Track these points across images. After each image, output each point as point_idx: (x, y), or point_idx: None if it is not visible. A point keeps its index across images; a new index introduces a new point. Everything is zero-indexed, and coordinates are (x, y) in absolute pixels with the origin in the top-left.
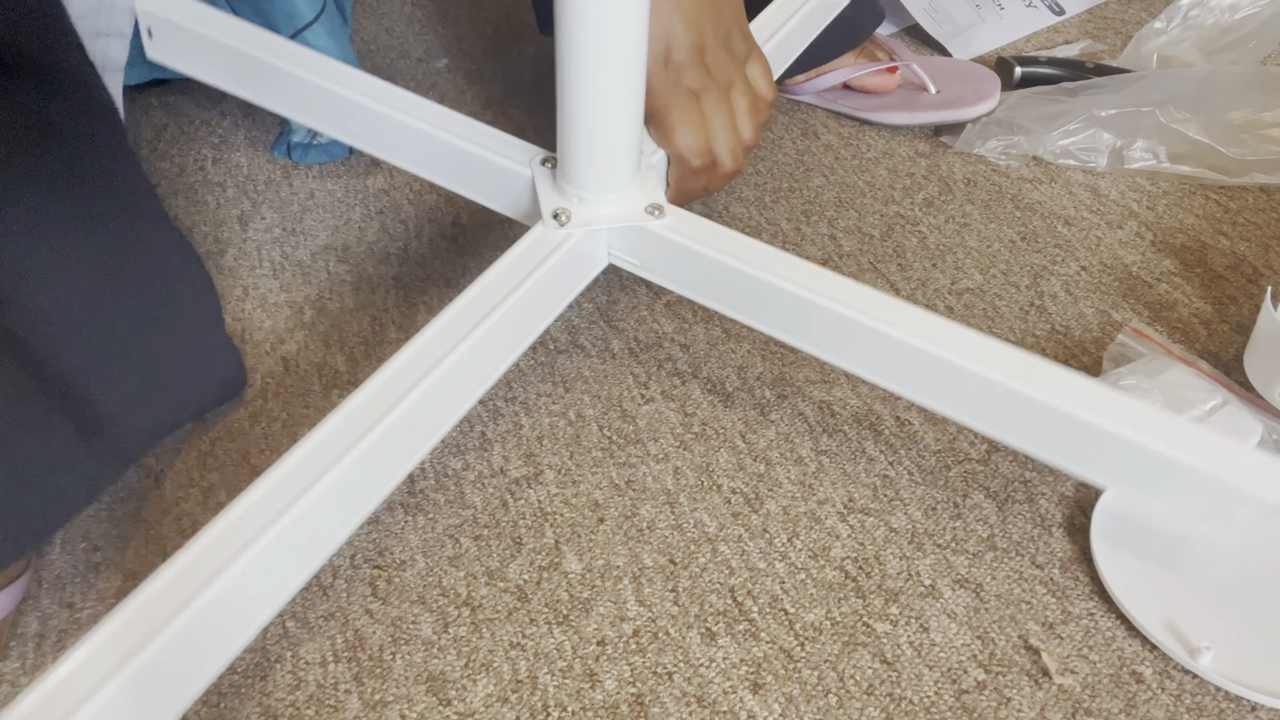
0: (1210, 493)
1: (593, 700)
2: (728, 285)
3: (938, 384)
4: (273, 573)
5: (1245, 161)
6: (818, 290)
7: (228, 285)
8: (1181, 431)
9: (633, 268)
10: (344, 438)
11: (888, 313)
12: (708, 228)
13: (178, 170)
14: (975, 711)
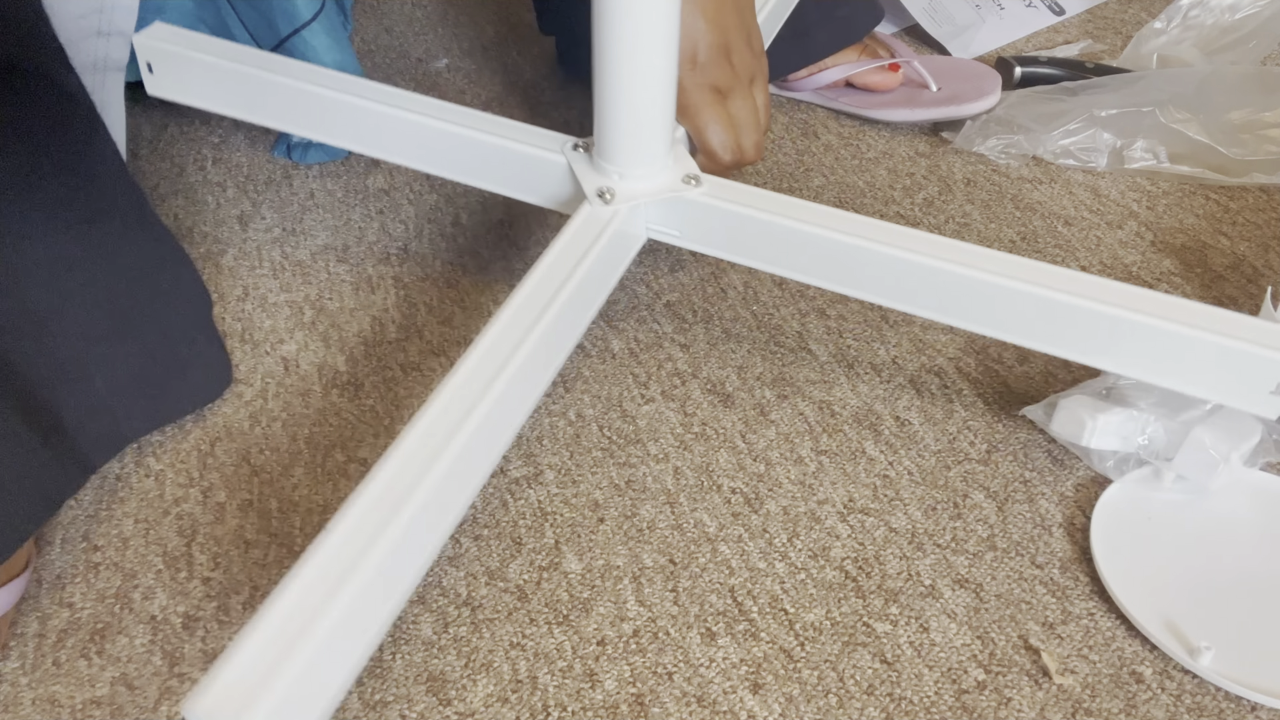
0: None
1: (593, 700)
2: (770, 242)
3: (988, 309)
4: (417, 541)
5: (1245, 161)
6: (858, 234)
7: (228, 285)
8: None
9: (672, 239)
10: (449, 419)
11: (930, 247)
12: (744, 190)
13: (178, 170)
14: (975, 711)
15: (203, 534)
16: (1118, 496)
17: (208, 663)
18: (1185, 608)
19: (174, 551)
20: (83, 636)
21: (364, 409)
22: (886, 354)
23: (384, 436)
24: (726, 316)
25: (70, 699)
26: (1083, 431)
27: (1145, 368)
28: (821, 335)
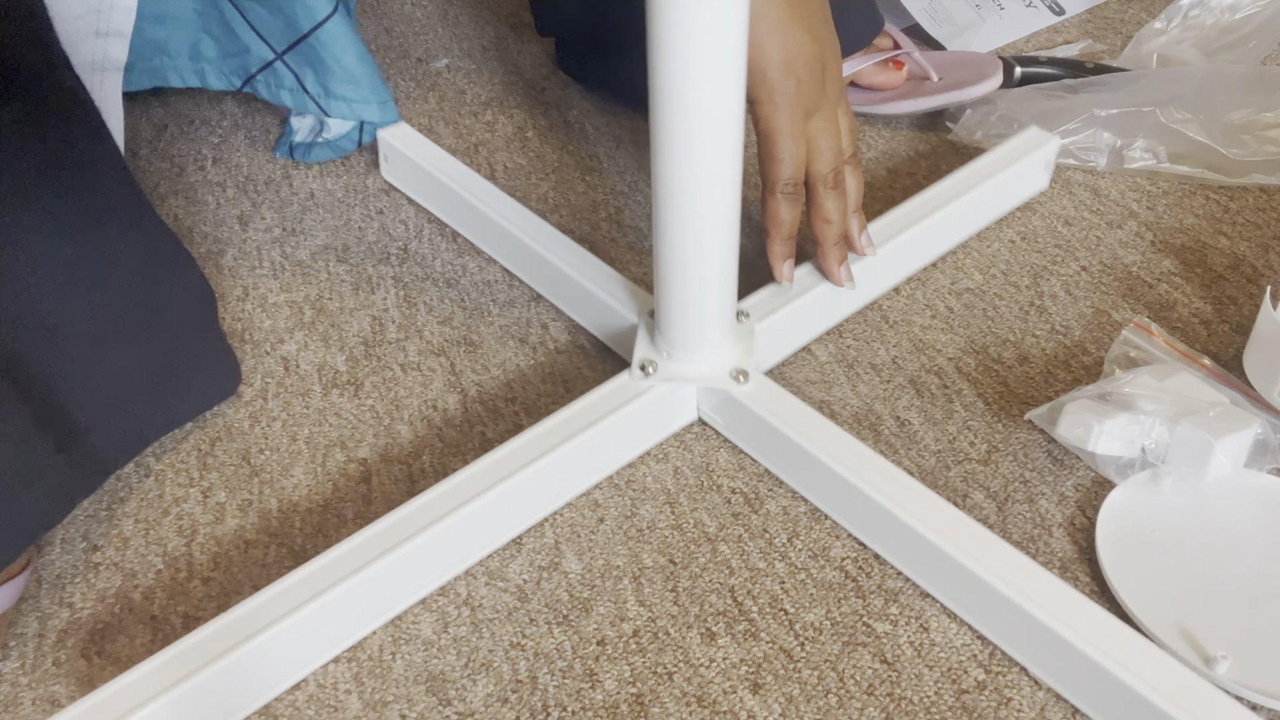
0: None
1: (593, 700)
2: (801, 466)
3: (999, 617)
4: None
5: (1245, 162)
6: (887, 493)
7: (227, 285)
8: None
9: (719, 427)
10: (382, 543)
11: (960, 536)
12: (789, 403)
13: (178, 170)
14: (975, 711)
15: (203, 534)
16: (1121, 501)
17: None
18: (1196, 615)
19: (174, 551)
20: (83, 636)
21: (364, 409)
22: (886, 354)
23: (384, 437)
24: None
25: (70, 699)
26: (1089, 436)
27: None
28: (821, 335)
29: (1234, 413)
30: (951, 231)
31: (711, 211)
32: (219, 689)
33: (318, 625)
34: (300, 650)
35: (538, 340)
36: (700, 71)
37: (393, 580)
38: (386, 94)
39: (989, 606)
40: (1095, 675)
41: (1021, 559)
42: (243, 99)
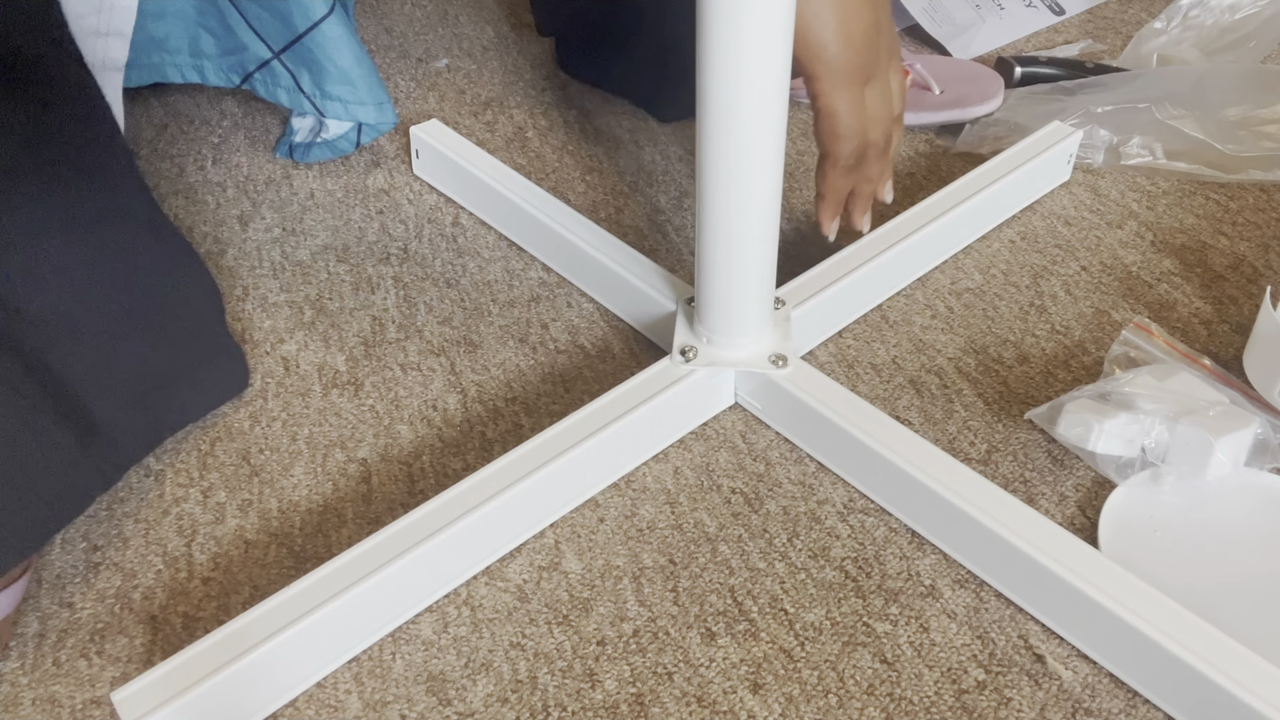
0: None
1: (593, 700)
2: (840, 447)
3: (1040, 589)
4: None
5: (1241, 158)
6: (929, 472)
7: (227, 285)
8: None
9: (756, 411)
10: (412, 535)
11: (994, 506)
12: (827, 386)
13: (178, 170)
14: (975, 711)
15: (202, 534)
16: (1122, 501)
17: None
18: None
19: (174, 551)
20: (83, 636)
21: (364, 409)
22: (886, 354)
23: (384, 437)
24: None
25: (70, 699)
26: (1089, 436)
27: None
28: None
29: (1234, 412)
30: (981, 219)
31: (753, 201)
32: (223, 698)
33: (342, 624)
34: (316, 653)
35: (538, 340)
36: (746, 69)
37: (438, 563)
38: (384, 96)
39: (1030, 578)
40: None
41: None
42: (243, 98)
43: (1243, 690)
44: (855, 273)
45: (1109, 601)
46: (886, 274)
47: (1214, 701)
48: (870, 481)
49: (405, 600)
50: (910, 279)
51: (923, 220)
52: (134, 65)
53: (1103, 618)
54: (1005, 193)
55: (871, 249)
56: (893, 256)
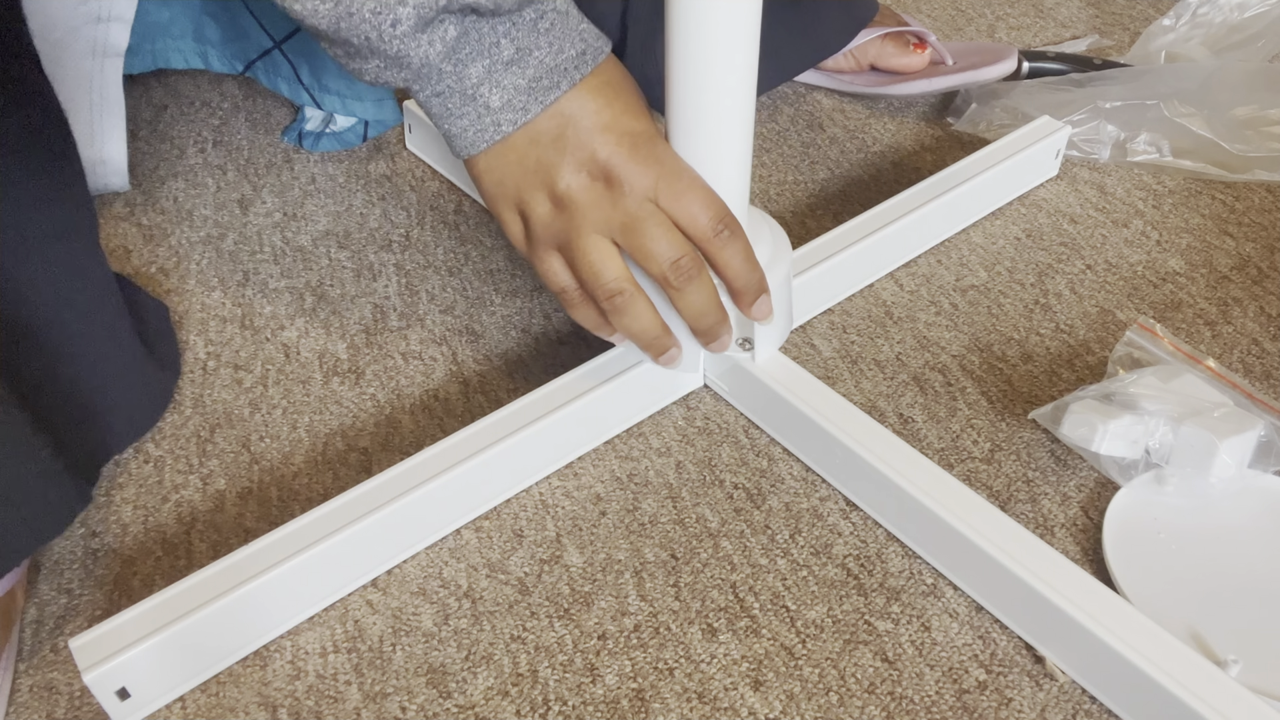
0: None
1: (593, 695)
2: (805, 434)
3: (999, 587)
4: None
5: (1248, 158)
6: (896, 468)
7: (228, 270)
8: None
9: (723, 393)
10: (381, 495)
11: (963, 509)
12: (793, 372)
13: (178, 152)
14: (976, 711)
15: (202, 521)
16: (1127, 503)
17: None
18: (1205, 618)
19: (173, 539)
20: (81, 623)
21: (365, 397)
22: (890, 350)
23: (385, 425)
24: None
25: (69, 686)
26: (1093, 436)
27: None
28: (825, 331)
29: (1238, 414)
30: (962, 212)
31: (719, 175)
32: (181, 646)
33: (296, 583)
34: (270, 611)
35: (540, 330)
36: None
37: (440, 503)
38: (385, 91)
39: (993, 582)
40: (1111, 659)
41: (1028, 536)
42: (244, 81)
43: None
44: (822, 265)
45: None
46: (869, 258)
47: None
48: (832, 469)
49: (361, 561)
50: (894, 265)
51: (907, 207)
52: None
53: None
54: (990, 185)
55: (853, 234)
56: (875, 242)
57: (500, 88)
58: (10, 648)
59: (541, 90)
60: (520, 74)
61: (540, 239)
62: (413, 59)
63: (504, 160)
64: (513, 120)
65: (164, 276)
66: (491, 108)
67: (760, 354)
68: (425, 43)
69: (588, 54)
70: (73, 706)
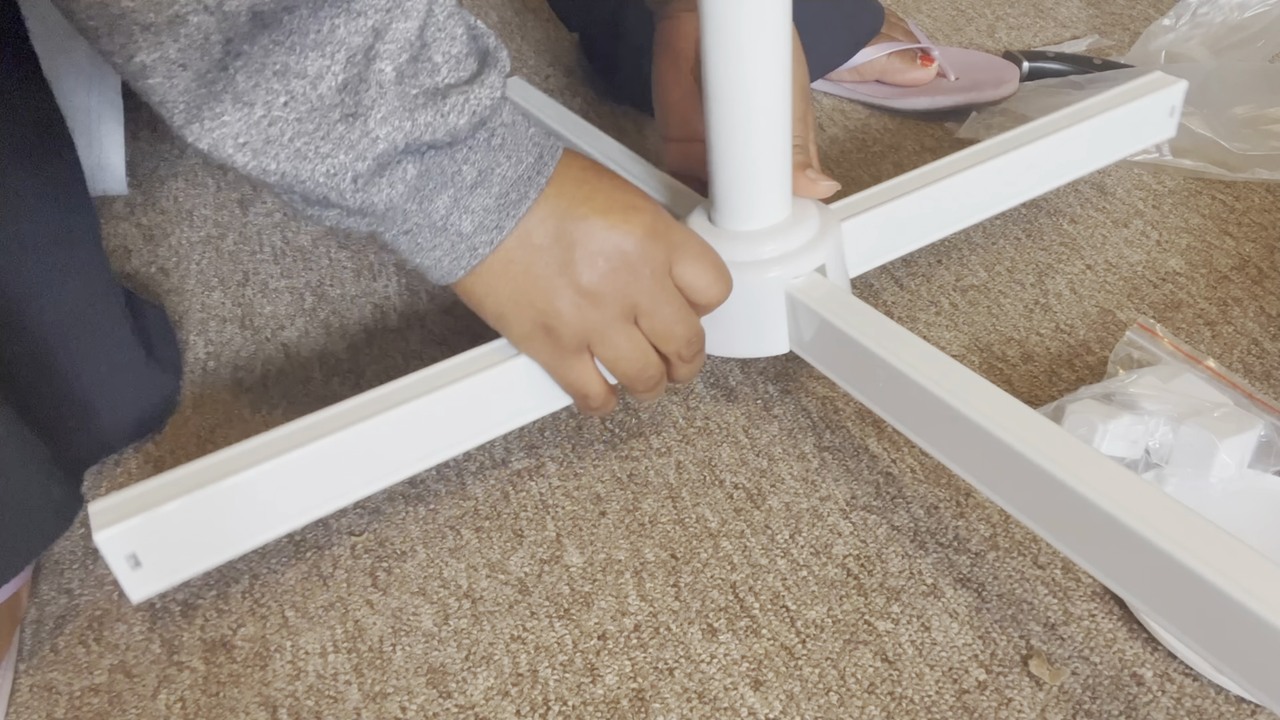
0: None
1: (593, 695)
2: (852, 359)
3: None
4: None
5: (1248, 156)
6: (946, 387)
7: (228, 270)
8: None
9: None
10: (403, 395)
11: (1008, 419)
12: (851, 304)
13: (178, 152)
14: (976, 711)
15: None
16: None
17: (207, 651)
18: None
19: None
20: (81, 623)
21: None
22: None
23: None
24: None
25: (68, 686)
26: (1093, 436)
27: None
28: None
29: (1238, 414)
30: (1066, 163)
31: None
32: (195, 519)
33: (320, 468)
34: (293, 494)
35: None
36: None
37: (470, 408)
38: None
39: (1050, 498)
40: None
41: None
42: None
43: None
44: (906, 197)
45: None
46: (942, 205)
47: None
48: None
49: (386, 459)
50: (971, 219)
51: (1000, 151)
52: None
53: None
54: (1091, 138)
55: (928, 175)
56: (948, 187)
57: (470, 212)
58: (12, 649)
59: (510, 205)
60: (486, 194)
61: (570, 342)
62: (376, 205)
63: (503, 277)
64: (488, 241)
65: (164, 276)
66: (464, 234)
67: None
68: (386, 186)
69: (544, 156)
70: (73, 706)
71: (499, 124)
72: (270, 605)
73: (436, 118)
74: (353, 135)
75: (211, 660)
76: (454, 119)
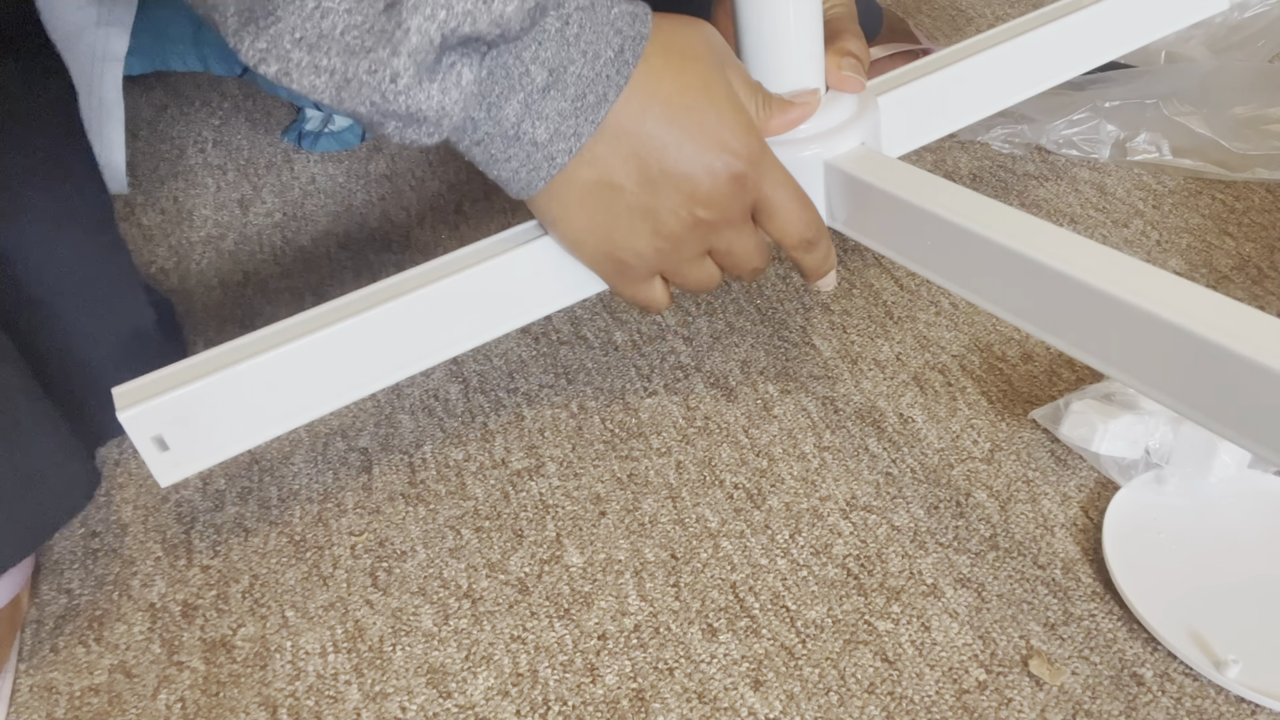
0: None
1: (593, 695)
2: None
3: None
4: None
5: (1248, 156)
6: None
7: (228, 270)
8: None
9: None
10: (432, 275)
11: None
12: (893, 166)
13: (178, 152)
14: (976, 711)
15: (202, 521)
16: (1127, 503)
17: (207, 651)
18: (1205, 618)
19: (173, 539)
20: (81, 623)
21: (365, 397)
22: (890, 350)
23: (385, 426)
24: (730, 310)
25: (68, 686)
26: (1093, 436)
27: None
28: (825, 330)
29: None
30: (1112, 36)
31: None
32: (218, 402)
33: (354, 353)
34: (319, 381)
35: (540, 331)
36: None
37: (491, 296)
38: None
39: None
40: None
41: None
42: (243, 81)
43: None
44: (946, 70)
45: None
46: (985, 79)
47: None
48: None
49: (417, 342)
50: (1014, 97)
51: (1040, 21)
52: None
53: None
54: (1139, 8)
55: (968, 49)
56: (988, 60)
57: (544, 118)
58: (12, 656)
59: (589, 109)
60: (561, 97)
61: (641, 275)
62: (426, 112)
63: (580, 207)
64: (567, 149)
65: (164, 276)
66: (540, 142)
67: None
68: (437, 92)
69: (626, 49)
70: (73, 706)
71: (573, 8)
72: (270, 605)
73: (478, 4)
74: (389, 26)
75: (211, 660)
76: (499, 6)
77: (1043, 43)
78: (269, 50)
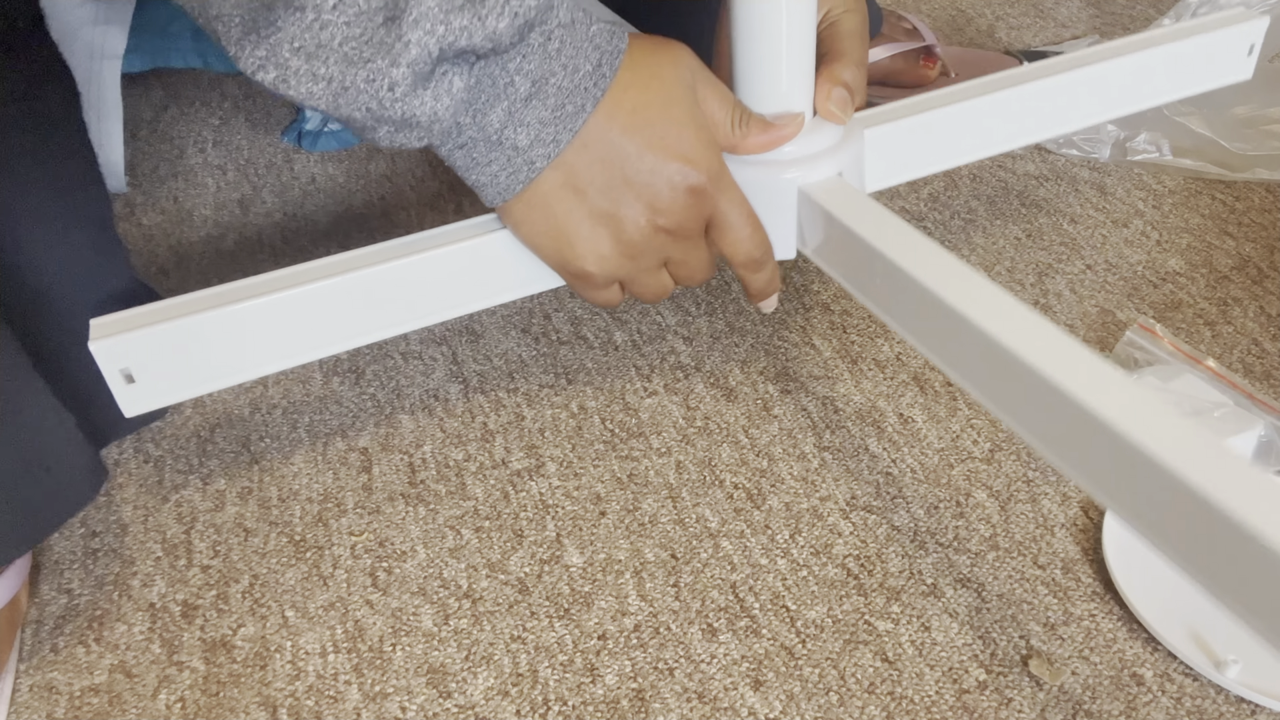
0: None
1: (593, 695)
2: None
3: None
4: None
5: (1248, 156)
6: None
7: (228, 270)
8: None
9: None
10: (410, 248)
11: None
12: (865, 205)
13: (178, 152)
14: (976, 711)
15: (202, 521)
16: None
17: (207, 651)
18: (1205, 618)
19: (173, 539)
20: (81, 623)
21: (365, 397)
22: (890, 350)
23: (385, 425)
24: (730, 310)
25: (68, 686)
26: None
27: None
28: (825, 330)
29: (1238, 415)
30: (1119, 93)
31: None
32: (188, 340)
33: (320, 310)
34: (288, 331)
35: (540, 331)
36: None
37: (465, 271)
38: None
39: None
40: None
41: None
42: (243, 81)
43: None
44: (939, 110)
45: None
46: (980, 124)
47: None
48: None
49: (383, 312)
50: (1008, 144)
51: (1049, 72)
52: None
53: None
54: (1154, 69)
55: (966, 91)
56: (986, 105)
57: (525, 125)
58: (12, 657)
59: (567, 117)
60: (542, 106)
61: (600, 283)
62: (420, 117)
63: (542, 211)
64: (545, 155)
65: (164, 276)
66: (520, 148)
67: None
68: (430, 99)
69: (603, 63)
70: (73, 706)
71: (555, 25)
72: (270, 605)
73: (474, 21)
74: (389, 39)
75: (211, 660)
76: (493, 22)
77: (1042, 93)
78: (268, 58)
